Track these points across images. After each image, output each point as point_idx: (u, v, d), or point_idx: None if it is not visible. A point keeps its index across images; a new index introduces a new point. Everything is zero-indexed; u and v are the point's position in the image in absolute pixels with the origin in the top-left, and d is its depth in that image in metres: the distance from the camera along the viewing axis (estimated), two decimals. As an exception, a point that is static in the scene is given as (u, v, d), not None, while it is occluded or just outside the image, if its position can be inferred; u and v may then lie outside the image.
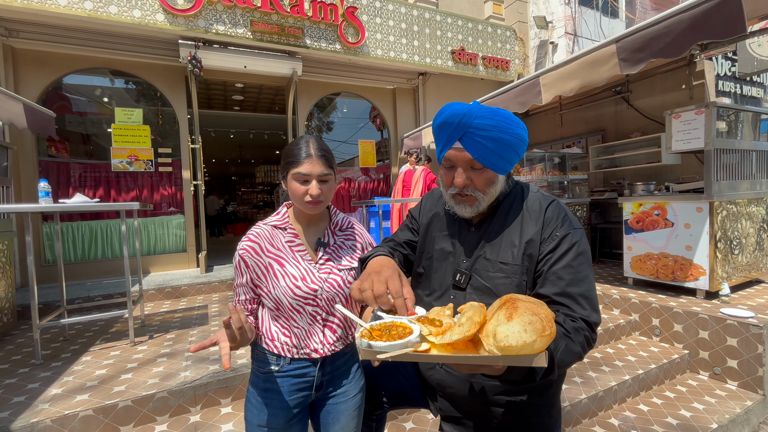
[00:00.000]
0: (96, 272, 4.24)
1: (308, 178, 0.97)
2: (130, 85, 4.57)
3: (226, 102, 6.61)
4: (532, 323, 0.60)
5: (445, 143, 0.88)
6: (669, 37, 2.30)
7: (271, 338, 1.02)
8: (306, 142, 0.99)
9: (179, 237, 4.70)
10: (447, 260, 0.99)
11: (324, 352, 1.02)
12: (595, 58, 2.73)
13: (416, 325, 0.71)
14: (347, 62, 5.14)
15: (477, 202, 0.90)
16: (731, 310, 2.50)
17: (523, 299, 0.67)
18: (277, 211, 1.10)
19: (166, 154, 4.60)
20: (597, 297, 0.85)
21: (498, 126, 0.84)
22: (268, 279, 1.00)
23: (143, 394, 1.77)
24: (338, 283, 1.02)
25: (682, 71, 4.33)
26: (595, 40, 6.31)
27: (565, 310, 0.81)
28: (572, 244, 0.85)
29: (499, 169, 0.87)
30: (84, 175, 4.30)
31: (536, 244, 0.88)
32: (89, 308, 3.23)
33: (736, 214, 2.97)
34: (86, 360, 2.22)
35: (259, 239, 1.02)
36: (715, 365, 2.48)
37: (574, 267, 0.84)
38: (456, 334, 0.63)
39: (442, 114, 0.88)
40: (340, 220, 1.13)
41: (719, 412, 2.11)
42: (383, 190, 6.13)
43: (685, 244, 2.91)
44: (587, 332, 0.80)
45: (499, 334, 0.60)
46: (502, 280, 0.88)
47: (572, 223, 0.89)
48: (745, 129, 3.15)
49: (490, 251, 0.92)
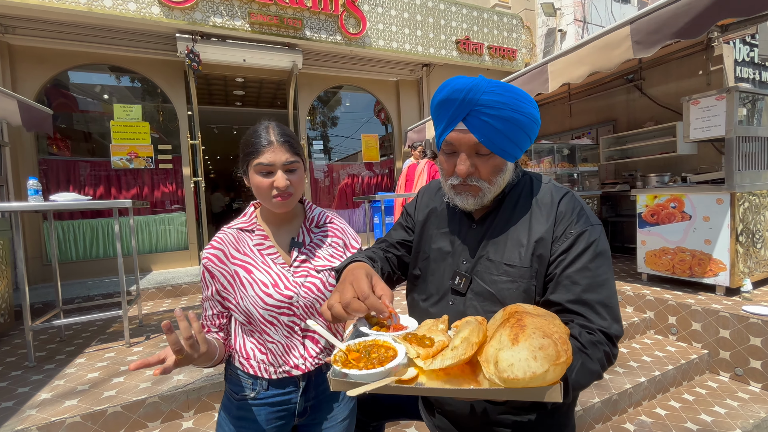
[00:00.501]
0: (98, 271, 4.21)
1: (272, 168, 0.85)
2: (129, 81, 4.50)
3: (227, 97, 6.53)
4: (544, 348, 0.48)
5: (446, 124, 0.75)
6: (688, 17, 2.14)
7: (246, 356, 0.90)
8: (265, 128, 0.87)
9: (181, 234, 4.65)
10: (445, 261, 0.87)
11: (306, 366, 0.90)
12: (607, 41, 2.58)
13: (401, 346, 0.59)
14: (349, 54, 5.02)
15: (481, 193, 0.78)
16: (754, 307, 2.35)
17: (532, 312, 0.55)
18: (244, 212, 0.98)
19: (166, 151, 4.54)
20: (618, 305, 0.72)
21: (509, 103, 0.71)
22: (235, 289, 0.88)
23: (134, 400, 1.70)
24: (317, 287, 0.90)
25: (699, 56, 4.12)
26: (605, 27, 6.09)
27: (581, 321, 0.69)
28: (589, 243, 0.73)
29: (507, 155, 0.75)
30: (84, 173, 4.26)
31: (547, 244, 0.75)
32: (88, 308, 3.19)
33: (758, 206, 2.80)
34: (80, 362, 2.17)
35: (223, 245, 0.91)
36: (736, 366, 2.34)
37: (592, 270, 0.71)
38: (449, 359, 0.52)
39: (444, 89, 0.75)
40: (316, 215, 1.01)
41: (742, 416, 1.97)
42: (387, 185, 6.02)
43: (703, 238, 2.75)
44: (607, 347, 0.68)
45: (502, 362, 0.49)
46: (507, 284, 0.76)
47: (589, 219, 0.76)
48: (764, 116, 2.97)
49: (494, 251, 0.80)
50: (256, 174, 0.86)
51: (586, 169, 4.71)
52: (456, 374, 0.55)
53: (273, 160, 0.84)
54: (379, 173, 6.03)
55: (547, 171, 4.50)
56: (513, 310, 0.59)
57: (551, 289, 0.74)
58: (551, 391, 0.47)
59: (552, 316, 0.57)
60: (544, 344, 0.48)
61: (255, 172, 0.86)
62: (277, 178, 0.85)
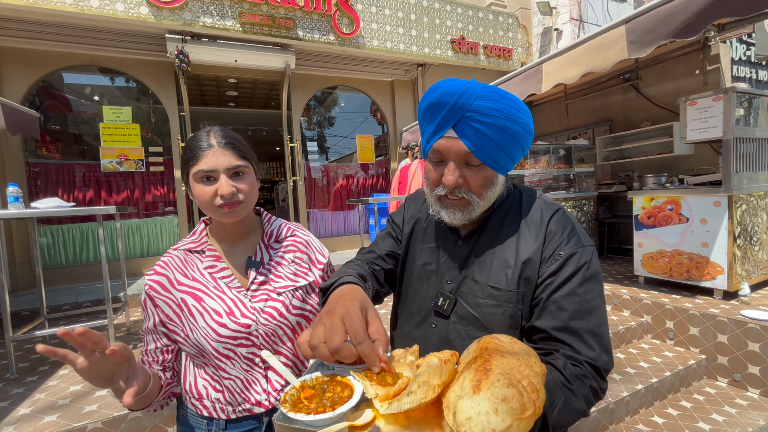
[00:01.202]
0: (87, 276, 4.14)
1: (214, 174, 0.76)
2: (119, 82, 4.43)
3: (220, 98, 6.46)
4: (507, 400, 0.41)
5: (434, 130, 0.69)
6: (684, 16, 2.10)
7: (198, 396, 0.79)
8: (206, 133, 0.79)
9: (173, 237, 4.58)
10: (429, 279, 0.80)
11: (270, 402, 0.80)
12: (601, 41, 2.54)
13: (359, 384, 0.52)
14: (342, 54, 4.95)
15: (470, 207, 0.72)
16: (753, 312, 2.31)
17: (505, 349, 0.49)
18: (193, 230, 0.87)
19: (157, 153, 4.47)
20: (609, 335, 0.67)
21: (504, 111, 0.66)
22: (182, 320, 0.78)
23: (115, 415, 1.64)
24: (279, 312, 0.80)
25: (696, 56, 4.08)
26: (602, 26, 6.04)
27: (567, 350, 0.64)
28: (579, 266, 0.67)
29: (499, 167, 0.70)
30: (73, 176, 4.19)
31: (535, 265, 0.69)
32: (75, 315, 3.13)
33: (756, 208, 2.76)
34: (63, 374, 2.11)
35: (167, 270, 0.80)
36: (734, 372, 2.30)
37: (580, 295, 0.66)
38: (406, 403, 0.45)
39: (433, 92, 0.69)
40: (275, 228, 0.90)
41: (741, 424, 1.94)
42: (383, 186, 5.96)
43: (701, 241, 2.72)
44: (594, 381, 0.62)
45: (460, 414, 0.42)
46: (493, 309, 0.70)
47: (580, 240, 0.70)
48: (760, 116, 2.93)
49: (480, 271, 0.74)
50: (196, 183, 0.77)
51: (583, 170, 4.67)
52: (418, 418, 0.49)
53: (214, 165, 0.75)
54: (375, 174, 5.97)
55: (544, 171, 4.46)
56: (485, 345, 0.53)
57: (536, 314, 0.68)
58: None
59: (527, 354, 0.51)
60: (507, 395, 0.42)
61: (195, 181, 0.77)
62: (220, 184, 0.76)
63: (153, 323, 0.80)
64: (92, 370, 0.59)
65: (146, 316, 0.80)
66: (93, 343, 0.57)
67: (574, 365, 0.62)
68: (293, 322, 0.83)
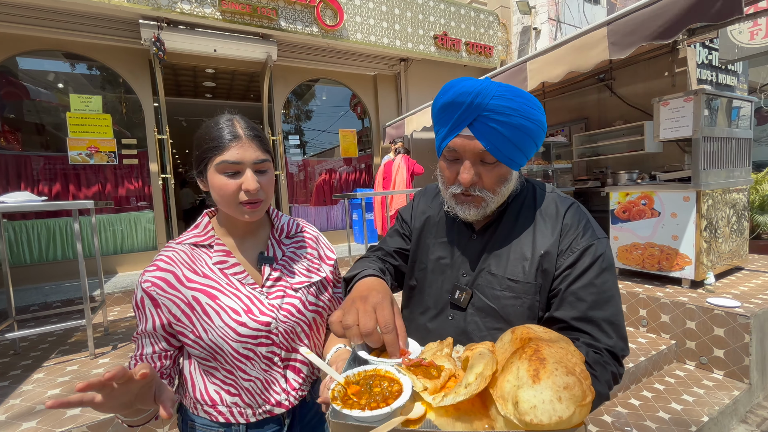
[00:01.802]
0: (55, 274, 3.92)
1: (240, 168, 0.72)
2: (87, 69, 4.17)
3: (197, 89, 6.22)
4: (569, 388, 0.43)
5: (450, 129, 0.70)
6: (662, 20, 2.20)
7: (211, 403, 0.75)
8: (229, 121, 0.75)
9: (149, 234, 4.40)
10: (444, 273, 0.82)
11: (290, 402, 0.78)
12: (584, 42, 2.62)
13: (407, 378, 0.53)
14: (325, 46, 4.88)
15: (484, 203, 0.73)
16: (718, 299, 2.49)
17: (545, 338, 0.52)
18: (196, 223, 0.81)
19: (130, 146, 4.26)
20: (624, 322, 0.71)
21: (519, 110, 0.67)
22: (194, 321, 0.72)
23: (101, 419, 1.57)
24: (297, 309, 0.78)
25: (665, 58, 4.30)
26: (578, 26, 6.24)
27: (587, 339, 0.67)
28: (596, 257, 0.70)
29: (514, 164, 0.71)
30: (38, 168, 3.93)
31: (553, 258, 0.72)
32: (45, 316, 2.96)
33: (721, 203, 2.96)
34: (38, 378, 1.99)
35: (173, 265, 0.74)
36: (701, 355, 2.48)
37: (597, 285, 0.69)
38: (461, 395, 0.47)
39: (449, 91, 0.70)
40: (284, 224, 0.88)
41: (709, 403, 2.09)
42: (366, 181, 5.95)
43: (671, 234, 2.89)
44: (614, 367, 0.66)
45: (524, 404, 0.44)
46: (511, 300, 0.73)
47: (595, 232, 0.73)
48: (719, 117, 3.13)
49: (496, 265, 0.76)
50: (218, 174, 0.72)
51: (560, 166, 4.84)
52: (466, 409, 0.51)
53: (241, 158, 0.71)
54: (358, 169, 5.95)
55: (525, 168, 4.58)
56: (525, 336, 0.55)
57: (556, 305, 0.71)
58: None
59: (566, 342, 0.53)
60: (569, 383, 0.44)
61: (218, 172, 0.72)
62: (246, 178, 0.72)
63: (152, 325, 0.73)
64: (114, 401, 0.53)
65: (142, 317, 0.73)
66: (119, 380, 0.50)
67: (596, 353, 0.65)
68: (310, 319, 0.82)
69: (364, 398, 0.50)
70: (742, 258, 3.26)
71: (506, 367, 0.50)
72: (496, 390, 0.48)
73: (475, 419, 0.50)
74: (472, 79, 0.70)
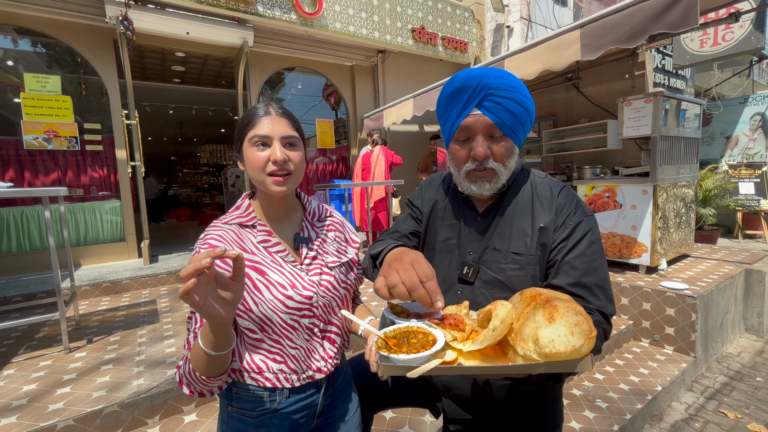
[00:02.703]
0: (11, 268, 3.65)
1: (268, 140, 0.78)
2: (43, 47, 3.86)
3: (164, 73, 5.90)
4: (579, 324, 0.54)
5: (460, 111, 0.81)
6: (629, 25, 2.38)
7: (258, 370, 0.80)
8: (264, 104, 0.82)
9: (115, 225, 4.18)
10: (452, 252, 0.92)
11: (328, 368, 0.86)
12: (559, 42, 2.78)
13: (438, 331, 0.62)
14: (303, 34, 4.80)
15: (496, 177, 0.83)
16: (670, 283, 2.76)
17: (552, 294, 0.62)
18: (237, 204, 0.87)
19: (94, 131, 4.01)
20: (611, 286, 0.83)
21: (516, 87, 0.80)
22: (245, 294, 0.77)
23: (88, 411, 1.53)
24: (333, 285, 0.86)
25: (626, 62, 4.61)
26: (548, 26, 6.51)
27: (580, 302, 0.78)
28: (585, 231, 0.82)
29: (516, 138, 0.83)
30: (-13, 153, 3.61)
31: (550, 233, 0.83)
32: (6, 311, 2.77)
33: (673, 196, 3.26)
34: (8, 374, 1.89)
35: (225, 243, 0.78)
36: (655, 333, 2.75)
37: (588, 256, 0.80)
38: (488, 339, 0.57)
39: (455, 81, 0.82)
40: (314, 208, 0.94)
41: (661, 375, 2.34)
42: (343, 173, 5.95)
43: (631, 224, 3.15)
44: (605, 325, 0.78)
45: (543, 339, 0.54)
46: (516, 272, 0.83)
47: (584, 210, 0.85)
48: (669, 117, 3.44)
49: (500, 241, 0.86)
50: (251, 148, 0.78)
51: (531, 161, 5.08)
52: (489, 354, 0.61)
53: (270, 131, 0.78)
54: (334, 160, 5.92)
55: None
56: (534, 293, 0.64)
57: (553, 274, 0.82)
58: (584, 362, 0.54)
59: (569, 298, 0.63)
60: (579, 320, 0.54)
61: (250, 146, 0.78)
62: (273, 149, 0.78)
63: None
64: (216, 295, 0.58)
65: None
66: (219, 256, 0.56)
67: (589, 312, 0.75)
68: (342, 295, 0.89)
69: (404, 347, 0.59)
70: (689, 246, 3.61)
71: (523, 317, 0.59)
72: (516, 335, 0.58)
73: (496, 361, 0.60)
74: (472, 68, 0.83)
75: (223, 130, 10.64)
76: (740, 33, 4.74)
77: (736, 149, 5.67)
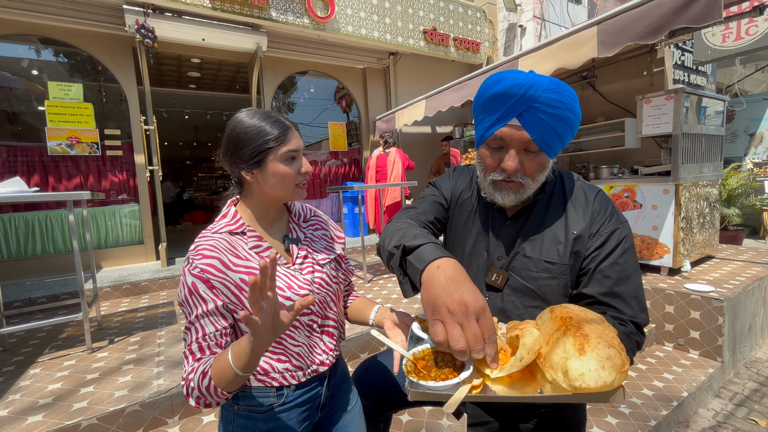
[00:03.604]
0: (36, 270, 3.77)
1: (297, 154, 0.83)
2: (65, 56, 3.99)
3: (180, 79, 6.04)
4: (611, 358, 0.51)
5: (498, 119, 0.74)
6: (648, 20, 2.33)
7: (264, 372, 0.82)
8: (276, 116, 0.84)
9: (134, 228, 4.28)
10: (480, 257, 0.88)
11: (330, 360, 0.90)
12: (575, 40, 2.73)
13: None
14: (316, 38, 4.84)
15: (522, 189, 0.79)
16: (694, 285, 2.67)
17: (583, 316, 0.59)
18: (223, 213, 0.86)
19: (114, 136, 4.12)
20: (644, 296, 0.79)
21: (566, 102, 0.72)
22: (244, 300, 0.78)
23: (111, 410, 1.56)
24: (325, 281, 0.89)
25: (644, 58, 4.50)
26: (561, 25, 6.42)
27: (613, 312, 0.75)
28: (620, 239, 0.78)
29: (552, 152, 0.77)
30: (14, 159, 3.74)
31: (584, 240, 0.79)
32: (32, 312, 2.86)
33: (696, 196, 3.16)
34: (35, 373, 1.94)
35: (218, 252, 0.78)
36: (678, 337, 2.66)
37: (621, 264, 0.77)
38: (515, 367, 0.56)
39: (500, 83, 0.73)
40: (299, 209, 0.97)
41: (687, 380, 2.26)
42: (355, 175, 5.96)
43: (651, 225, 3.06)
44: (638, 336, 0.74)
45: (572, 371, 0.51)
46: (548, 281, 0.80)
47: (619, 217, 0.81)
48: (690, 115, 3.34)
49: (531, 248, 0.82)
50: (280, 163, 0.80)
51: (546, 161, 4.99)
52: (517, 377, 0.59)
53: (298, 145, 0.83)
54: (347, 162, 5.95)
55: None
56: (565, 315, 0.61)
57: (584, 282, 0.79)
58: (616, 395, 0.52)
59: (601, 319, 0.61)
60: (610, 354, 0.51)
61: (280, 162, 0.80)
62: (304, 162, 0.84)
63: (214, 305, 0.76)
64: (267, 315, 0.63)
65: (198, 302, 0.75)
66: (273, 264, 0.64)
67: (621, 324, 0.73)
68: (335, 289, 0.93)
69: (433, 371, 0.58)
70: (714, 247, 3.50)
71: (552, 342, 0.57)
72: (545, 361, 0.56)
73: (525, 385, 0.58)
74: (522, 72, 0.75)
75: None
76: (765, 27, 4.58)
77: (760, 147, 5.48)
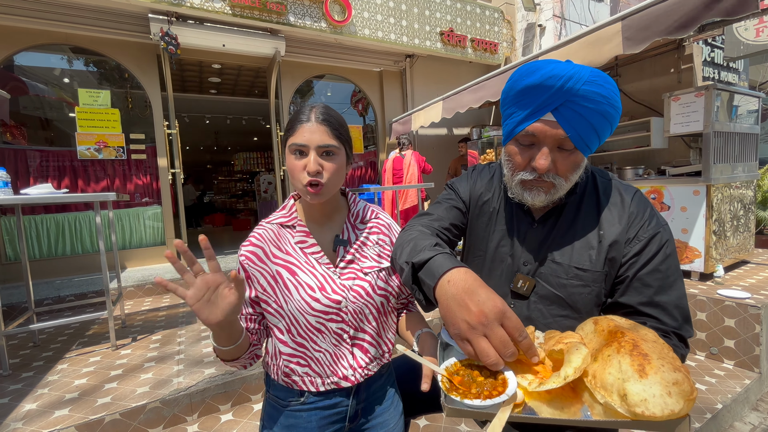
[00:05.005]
0: (65, 269, 3.91)
1: (304, 149, 0.76)
2: (93, 64, 4.15)
3: (201, 84, 6.20)
4: (678, 383, 0.45)
5: (530, 113, 0.67)
6: (677, 14, 2.23)
7: (285, 374, 0.82)
8: (309, 108, 0.79)
9: (157, 229, 4.40)
10: (504, 262, 0.82)
11: (356, 378, 0.82)
12: (598, 36, 2.65)
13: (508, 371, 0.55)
14: (333, 42, 4.88)
15: (554, 189, 0.72)
16: (728, 291, 2.53)
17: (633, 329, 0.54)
18: (283, 204, 0.88)
19: (138, 141, 4.25)
20: (688, 306, 0.71)
21: (608, 96, 0.65)
22: (277, 292, 0.79)
23: (133, 406, 1.59)
24: (366, 291, 0.82)
25: (671, 55, 4.34)
26: (582, 23, 6.27)
27: (654, 323, 0.69)
28: (661, 245, 0.71)
29: (588, 150, 0.70)
30: (46, 163, 3.91)
31: (621, 246, 0.72)
32: (61, 310, 2.96)
33: (729, 197, 3.01)
34: (62, 369, 2.01)
35: (263, 242, 0.81)
36: (711, 345, 2.52)
37: (662, 271, 0.70)
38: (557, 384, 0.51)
39: (536, 73, 0.66)
40: (360, 209, 0.91)
41: (722, 392, 2.14)
42: (371, 177, 5.97)
43: (681, 227, 2.93)
44: (683, 349, 0.68)
45: (633, 396, 0.46)
46: (579, 289, 0.74)
47: (659, 220, 0.74)
48: (720, 113, 3.18)
49: (560, 254, 0.76)
50: (290, 154, 0.78)
51: (566, 162, 4.86)
52: (557, 393, 0.54)
53: (307, 140, 0.76)
54: (363, 165, 5.96)
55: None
56: (614, 329, 0.56)
57: (621, 291, 0.73)
58: (682, 426, 0.45)
59: (654, 334, 0.55)
60: (678, 379, 0.46)
61: (290, 152, 0.78)
62: (308, 160, 0.76)
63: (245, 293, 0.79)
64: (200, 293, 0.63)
65: None
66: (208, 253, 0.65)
67: (664, 336, 0.67)
68: (378, 302, 0.85)
69: (473, 387, 0.54)
70: (749, 252, 3.31)
71: (602, 359, 0.52)
72: (595, 380, 0.50)
73: (565, 402, 0.53)
74: (560, 62, 0.68)
75: (256, 138, 11.01)
76: (802, 19, 4.34)
77: (799, 146, 5.18)
